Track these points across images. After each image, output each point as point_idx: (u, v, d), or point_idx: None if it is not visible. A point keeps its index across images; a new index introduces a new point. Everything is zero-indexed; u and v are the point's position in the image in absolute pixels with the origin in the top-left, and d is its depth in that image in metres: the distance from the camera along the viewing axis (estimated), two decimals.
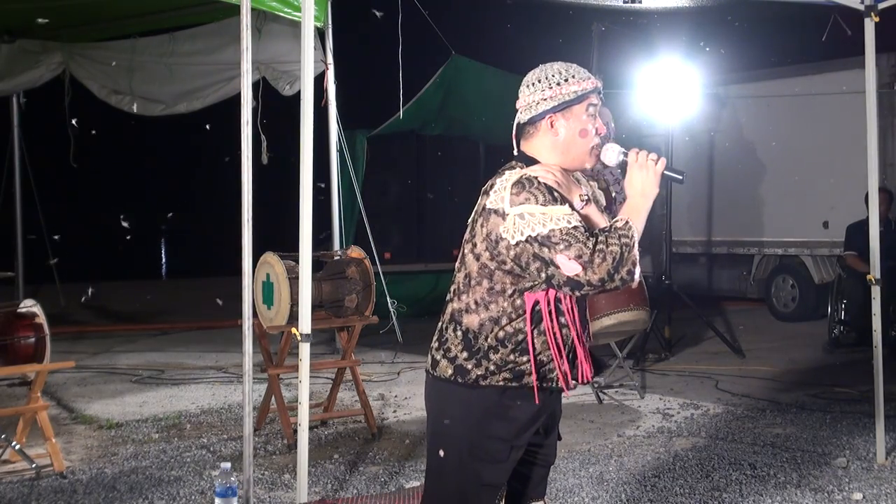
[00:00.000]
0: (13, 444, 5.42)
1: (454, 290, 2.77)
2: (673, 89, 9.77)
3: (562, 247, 2.55)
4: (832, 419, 6.59)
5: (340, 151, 8.32)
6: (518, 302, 2.67)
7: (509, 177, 2.68)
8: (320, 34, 7.90)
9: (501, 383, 2.68)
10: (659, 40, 10.58)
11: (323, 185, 7.92)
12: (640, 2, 6.68)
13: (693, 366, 8.80)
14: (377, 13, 8.20)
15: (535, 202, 2.60)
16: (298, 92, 4.76)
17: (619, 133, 11.46)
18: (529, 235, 2.58)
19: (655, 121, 10.80)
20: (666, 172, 2.76)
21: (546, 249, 2.57)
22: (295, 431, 5.00)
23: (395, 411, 7.01)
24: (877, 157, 5.54)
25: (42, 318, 5.65)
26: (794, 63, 12.30)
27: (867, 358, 5.79)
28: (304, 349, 4.35)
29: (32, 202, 11.30)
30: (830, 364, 8.87)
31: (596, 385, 7.51)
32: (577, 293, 2.61)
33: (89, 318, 12.74)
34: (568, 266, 2.55)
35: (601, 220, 2.78)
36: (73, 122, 9.61)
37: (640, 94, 10.41)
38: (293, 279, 5.63)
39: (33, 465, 5.35)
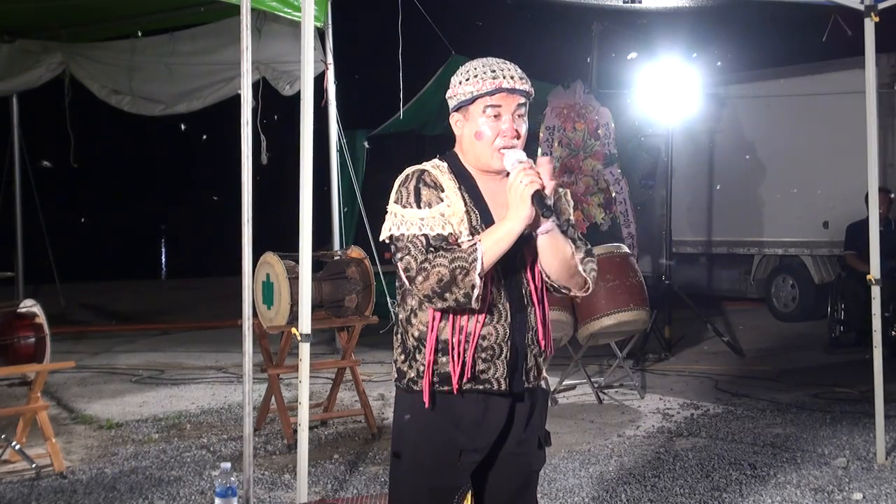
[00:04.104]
0: (13, 444, 5.42)
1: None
2: (673, 89, 9.77)
3: (399, 256, 2.55)
4: (832, 419, 6.59)
5: (340, 151, 8.31)
6: None
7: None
8: (320, 34, 7.90)
9: (433, 387, 2.62)
10: (659, 40, 10.59)
11: (325, 188, 7.92)
12: (640, 2, 6.68)
13: (693, 366, 8.80)
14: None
15: (400, 202, 2.61)
16: (298, 92, 4.76)
17: (619, 133, 11.46)
18: (389, 236, 2.60)
19: (655, 121, 10.80)
20: (534, 198, 2.48)
21: (395, 254, 2.58)
22: (295, 431, 5.00)
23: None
24: (877, 157, 5.54)
25: (42, 318, 5.65)
26: (794, 63, 12.30)
27: (867, 358, 5.80)
28: (304, 349, 4.36)
29: (32, 202, 11.30)
30: (830, 364, 8.87)
31: (596, 385, 7.51)
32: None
33: (89, 318, 12.74)
34: (402, 277, 2.55)
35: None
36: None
37: (640, 94, 10.41)
38: (293, 279, 5.63)
39: (33, 465, 5.35)
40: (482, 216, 2.65)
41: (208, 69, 9.18)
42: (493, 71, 2.64)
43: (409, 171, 2.68)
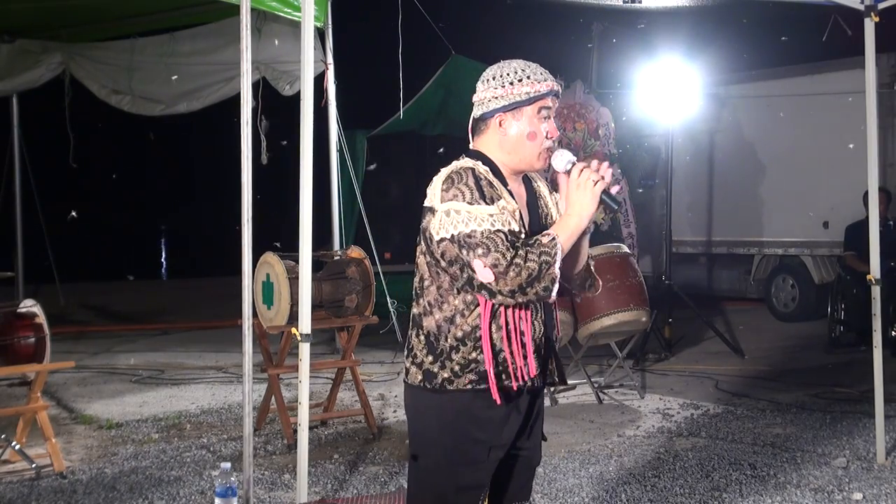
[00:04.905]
0: (13, 444, 5.42)
1: (413, 295, 2.76)
2: (673, 89, 9.76)
3: (480, 251, 2.53)
4: (832, 419, 6.59)
5: (340, 151, 8.31)
6: (469, 297, 2.64)
7: (442, 172, 2.68)
8: (320, 34, 7.90)
9: (469, 386, 2.64)
10: (659, 40, 10.59)
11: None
12: (640, 2, 6.68)
13: (693, 366, 8.80)
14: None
15: (462, 199, 2.58)
16: (298, 92, 4.76)
17: (619, 133, 11.48)
18: (453, 234, 2.58)
19: (655, 121, 10.80)
20: (603, 196, 2.67)
21: (465, 251, 2.56)
22: (295, 431, 5.00)
23: (395, 411, 7.01)
24: (877, 157, 5.53)
25: (42, 318, 5.65)
26: (794, 63, 12.30)
27: (867, 358, 5.80)
28: (304, 349, 4.35)
29: (32, 202, 11.30)
30: (830, 364, 8.87)
31: (596, 385, 7.51)
32: (490, 300, 2.59)
33: (89, 318, 12.74)
34: (482, 273, 2.54)
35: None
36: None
37: (640, 94, 10.41)
38: (293, 279, 5.63)
39: (33, 465, 5.35)
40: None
41: (208, 69, 9.18)
42: (542, 73, 2.73)
43: (456, 169, 2.67)
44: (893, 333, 8.93)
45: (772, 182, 12.05)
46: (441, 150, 11.15)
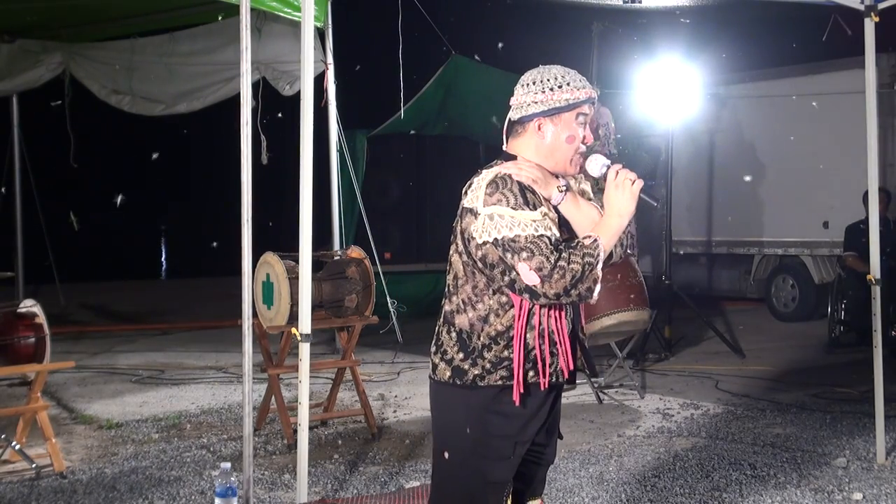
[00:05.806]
0: (13, 444, 5.42)
1: (445, 292, 2.81)
2: (673, 89, 9.76)
3: (524, 255, 2.57)
4: (832, 419, 6.59)
5: (340, 151, 8.31)
6: (504, 298, 2.70)
7: (485, 175, 2.71)
8: (320, 34, 7.90)
9: (499, 382, 2.69)
10: (659, 40, 10.58)
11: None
12: (640, 2, 6.68)
13: (693, 366, 8.80)
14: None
15: (507, 204, 2.62)
16: (298, 92, 4.76)
17: (619, 133, 11.44)
18: (496, 238, 2.61)
19: (655, 121, 10.79)
20: (642, 195, 2.72)
21: (509, 255, 2.59)
22: (295, 431, 5.00)
23: (395, 411, 7.01)
24: (877, 157, 5.53)
25: (42, 318, 5.65)
26: (795, 63, 12.30)
27: (867, 358, 5.80)
28: (304, 349, 4.36)
29: (32, 202, 11.30)
30: (830, 364, 8.87)
31: (596, 385, 7.51)
32: (534, 302, 2.63)
33: (89, 318, 12.74)
34: (527, 276, 2.57)
35: (589, 210, 2.80)
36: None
37: (640, 94, 10.40)
38: (293, 279, 5.63)
39: (33, 465, 5.35)
40: None
41: (208, 69, 9.18)
42: (581, 80, 2.79)
43: (500, 174, 2.70)
44: (893, 333, 8.93)
45: (772, 182, 12.06)
46: (439, 153, 11.14)
